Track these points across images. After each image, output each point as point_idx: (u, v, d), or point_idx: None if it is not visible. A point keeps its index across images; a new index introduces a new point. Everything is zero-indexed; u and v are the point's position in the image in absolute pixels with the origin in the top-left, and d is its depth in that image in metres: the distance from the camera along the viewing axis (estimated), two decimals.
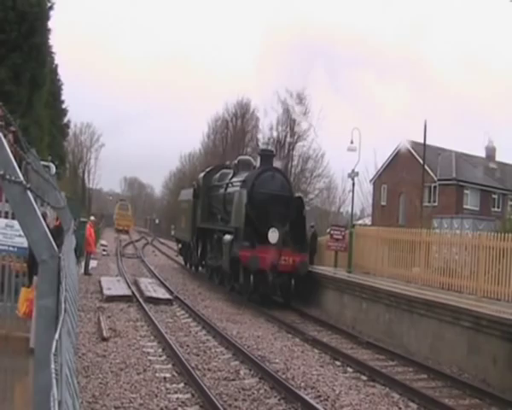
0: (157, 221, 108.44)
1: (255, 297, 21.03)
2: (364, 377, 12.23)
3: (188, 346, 13.76)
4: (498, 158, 59.71)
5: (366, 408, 9.95)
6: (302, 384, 11.07)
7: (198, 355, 12.93)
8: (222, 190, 25.58)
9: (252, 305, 20.31)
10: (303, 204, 23.18)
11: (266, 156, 23.48)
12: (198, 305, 19.89)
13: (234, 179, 24.45)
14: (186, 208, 32.15)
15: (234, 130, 69.01)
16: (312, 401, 9.69)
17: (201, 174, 30.00)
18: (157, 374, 11.07)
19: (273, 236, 20.79)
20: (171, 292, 21.92)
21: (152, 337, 14.39)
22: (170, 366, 11.86)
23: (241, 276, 20.91)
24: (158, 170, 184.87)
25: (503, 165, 59.20)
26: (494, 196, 53.86)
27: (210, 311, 18.98)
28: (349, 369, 12.88)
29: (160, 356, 12.61)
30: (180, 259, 36.26)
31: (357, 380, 11.95)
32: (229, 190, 24.31)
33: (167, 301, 19.82)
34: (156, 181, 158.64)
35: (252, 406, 9.67)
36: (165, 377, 10.90)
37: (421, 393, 11.06)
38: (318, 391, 10.71)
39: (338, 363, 13.33)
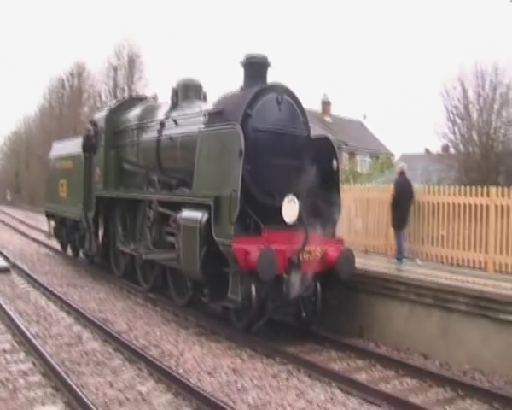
0: None
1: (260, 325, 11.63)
2: (207, 332, 12.51)
3: (27, 314, 13.42)
4: (333, 112, 62.03)
5: (209, 362, 10.20)
6: (145, 344, 11.15)
7: (38, 323, 12.66)
8: (152, 135, 15.54)
9: (95, 268, 19.84)
10: (333, 149, 12.73)
11: (256, 65, 12.47)
12: (37, 271, 19.33)
13: (176, 114, 14.82)
14: (68, 169, 21.76)
15: (71, 89, 67.20)
16: (155, 360, 9.81)
17: (102, 113, 19.56)
18: None
19: (291, 210, 11.56)
20: (7, 260, 21.20)
21: None
22: (9, 336, 11.55)
23: (234, 287, 11.07)
24: None
25: (337, 118, 61.61)
26: None
27: (50, 277, 18.53)
28: (191, 325, 13.11)
29: None
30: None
31: (199, 336, 12.19)
32: (169, 132, 14.69)
33: (4, 270, 19.13)
34: None
35: (96, 369, 9.64)
36: (4, 349, 10.61)
37: (262, 343, 11.47)
38: (162, 349, 10.85)
39: (180, 320, 13.51)
